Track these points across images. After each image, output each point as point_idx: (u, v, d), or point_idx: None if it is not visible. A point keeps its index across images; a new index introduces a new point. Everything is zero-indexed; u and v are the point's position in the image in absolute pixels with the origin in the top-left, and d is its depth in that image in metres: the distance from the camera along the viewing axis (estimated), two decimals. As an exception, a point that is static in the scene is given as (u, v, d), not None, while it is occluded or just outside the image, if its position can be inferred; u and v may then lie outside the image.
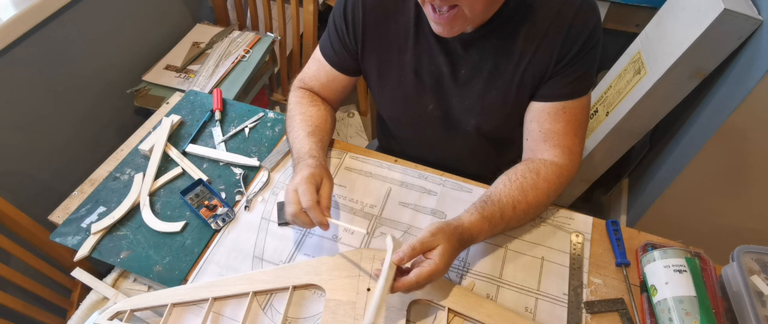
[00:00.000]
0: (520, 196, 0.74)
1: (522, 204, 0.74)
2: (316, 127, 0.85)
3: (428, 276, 0.62)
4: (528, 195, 0.74)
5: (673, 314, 0.65)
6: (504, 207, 0.73)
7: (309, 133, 0.83)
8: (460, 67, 0.80)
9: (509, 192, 0.74)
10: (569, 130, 0.77)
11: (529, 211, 0.75)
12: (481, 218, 0.71)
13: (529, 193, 0.74)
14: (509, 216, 0.73)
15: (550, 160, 0.78)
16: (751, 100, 1.01)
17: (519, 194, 0.74)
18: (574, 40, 0.72)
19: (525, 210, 0.74)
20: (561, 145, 0.77)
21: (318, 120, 0.86)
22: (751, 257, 0.71)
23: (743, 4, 1.05)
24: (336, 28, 0.85)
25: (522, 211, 0.74)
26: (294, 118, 0.87)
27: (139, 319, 0.72)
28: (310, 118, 0.86)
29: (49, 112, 1.26)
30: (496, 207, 0.72)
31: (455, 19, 0.67)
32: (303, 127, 0.84)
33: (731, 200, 1.25)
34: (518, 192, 0.74)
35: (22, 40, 1.13)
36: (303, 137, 0.82)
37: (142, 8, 1.47)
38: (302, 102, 0.89)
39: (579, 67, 0.74)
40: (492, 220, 0.71)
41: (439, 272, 0.63)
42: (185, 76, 1.43)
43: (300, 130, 0.84)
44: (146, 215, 0.82)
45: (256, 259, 0.77)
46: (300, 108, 0.88)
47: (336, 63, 0.88)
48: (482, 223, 0.71)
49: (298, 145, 0.82)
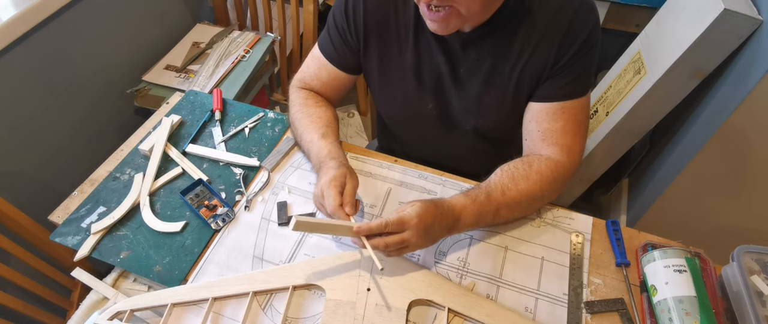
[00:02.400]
0: (510, 183, 0.74)
1: (512, 191, 0.74)
2: (328, 128, 0.85)
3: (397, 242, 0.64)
4: (519, 183, 0.74)
5: (673, 314, 0.65)
6: (491, 191, 0.73)
7: (323, 134, 0.83)
8: (458, 67, 0.80)
9: (499, 179, 0.75)
10: (568, 129, 0.77)
11: (520, 201, 0.74)
12: (464, 196, 0.72)
13: (520, 182, 0.74)
14: (498, 200, 0.73)
15: (545, 156, 0.78)
16: (751, 100, 1.01)
17: (509, 181, 0.74)
18: (572, 41, 0.72)
19: (515, 198, 0.74)
20: (559, 144, 0.77)
21: (327, 120, 0.86)
22: (751, 257, 0.71)
23: (743, 4, 1.05)
24: (337, 25, 0.84)
25: (512, 199, 0.73)
26: (301, 121, 0.86)
27: (139, 319, 0.72)
28: (320, 118, 0.86)
29: (49, 112, 1.26)
30: (483, 190, 0.73)
31: (450, 18, 0.67)
32: (315, 129, 0.84)
33: (731, 200, 1.25)
34: (508, 179, 0.75)
35: (22, 40, 1.13)
36: (318, 140, 0.82)
37: (142, 8, 1.47)
38: (308, 102, 0.88)
39: (578, 67, 0.74)
40: (476, 200, 0.71)
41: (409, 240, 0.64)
42: (185, 76, 1.43)
43: (313, 132, 0.84)
44: (146, 215, 0.82)
45: (256, 259, 0.77)
46: (307, 109, 0.87)
47: (337, 61, 0.88)
48: (465, 200, 0.71)
49: (316, 149, 0.82)
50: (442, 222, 0.68)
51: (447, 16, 0.66)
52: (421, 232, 0.65)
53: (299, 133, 0.87)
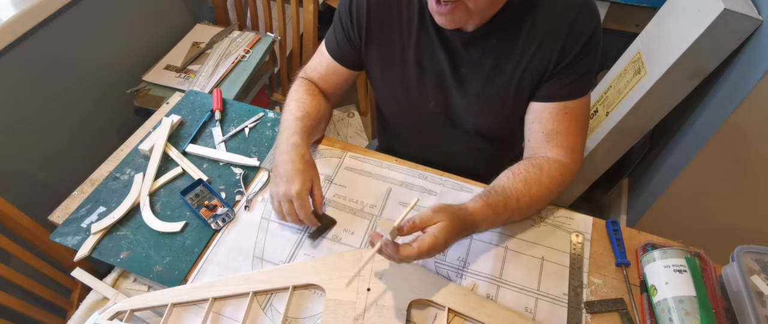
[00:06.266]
0: (523, 188, 0.74)
1: (525, 196, 0.74)
2: (307, 114, 0.85)
3: (429, 247, 0.63)
4: (531, 188, 0.75)
5: (673, 314, 0.65)
6: (508, 198, 0.73)
7: (298, 117, 0.84)
8: (460, 65, 0.80)
9: (513, 184, 0.75)
10: (571, 130, 0.78)
11: (531, 205, 0.76)
12: (485, 205, 0.71)
13: (533, 187, 0.75)
14: (513, 207, 0.74)
15: (553, 158, 0.78)
16: (751, 100, 1.01)
17: (523, 186, 0.75)
18: (574, 42, 0.72)
19: (528, 203, 0.75)
20: (563, 146, 0.78)
21: (310, 107, 0.87)
22: (751, 257, 0.71)
23: (743, 4, 1.05)
24: (341, 22, 0.86)
25: (525, 205, 0.75)
26: (288, 105, 0.89)
27: (139, 319, 0.72)
28: (303, 104, 0.87)
29: (49, 112, 1.26)
30: (501, 196, 0.73)
31: (457, 11, 0.67)
32: (294, 111, 0.86)
33: (731, 200, 1.25)
34: (522, 184, 0.75)
35: (22, 40, 1.13)
36: (291, 120, 0.84)
37: (142, 8, 1.47)
38: (299, 90, 0.90)
39: (580, 67, 0.74)
40: (496, 209, 0.72)
41: (438, 245, 0.64)
42: (185, 76, 1.43)
43: (290, 113, 0.86)
44: (146, 215, 0.82)
45: (256, 259, 0.77)
46: (296, 95, 0.89)
47: (338, 56, 0.89)
48: (486, 211, 0.71)
49: (285, 124, 0.84)
50: (461, 235, 0.69)
51: (454, 9, 0.67)
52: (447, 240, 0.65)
53: (283, 114, 0.89)
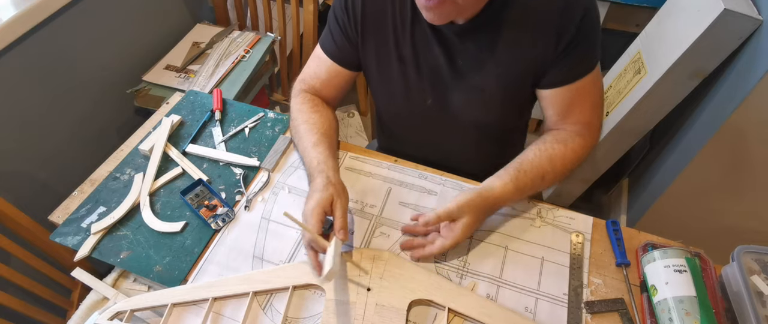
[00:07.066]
0: (549, 166, 0.78)
1: (550, 174, 0.78)
2: (323, 135, 0.84)
3: (451, 247, 0.73)
4: (556, 166, 0.78)
5: (673, 314, 0.65)
6: (535, 177, 0.77)
7: (314, 143, 0.82)
8: (456, 59, 0.79)
9: (540, 162, 0.78)
10: (585, 107, 0.80)
11: (554, 181, 0.79)
12: (515, 190, 0.75)
13: (557, 164, 0.78)
14: (537, 186, 0.78)
15: (575, 132, 0.80)
16: (751, 100, 1.01)
17: (548, 165, 0.78)
18: (569, 22, 0.71)
19: (551, 180, 0.78)
20: (581, 122, 0.81)
21: (322, 126, 0.85)
22: (751, 257, 0.71)
23: (743, 4, 1.05)
24: (337, 20, 0.84)
25: (549, 181, 0.78)
26: (298, 129, 0.86)
27: (139, 319, 0.72)
28: (315, 125, 0.85)
29: (49, 112, 1.26)
30: (529, 177, 0.77)
31: (444, 5, 0.66)
32: (309, 136, 0.84)
33: (731, 200, 1.25)
34: (548, 162, 0.78)
35: (22, 40, 1.13)
36: (310, 149, 0.82)
37: (142, 8, 1.47)
38: (303, 109, 0.88)
39: (579, 49, 0.74)
40: (524, 191, 0.76)
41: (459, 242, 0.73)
42: (185, 76, 1.43)
43: (306, 140, 0.84)
44: (146, 215, 0.82)
45: (256, 259, 0.77)
46: (303, 116, 0.87)
47: (338, 57, 0.87)
48: (514, 195, 0.76)
49: (307, 159, 0.82)
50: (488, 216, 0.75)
51: (440, 3, 0.66)
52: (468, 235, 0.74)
53: (296, 140, 0.88)
